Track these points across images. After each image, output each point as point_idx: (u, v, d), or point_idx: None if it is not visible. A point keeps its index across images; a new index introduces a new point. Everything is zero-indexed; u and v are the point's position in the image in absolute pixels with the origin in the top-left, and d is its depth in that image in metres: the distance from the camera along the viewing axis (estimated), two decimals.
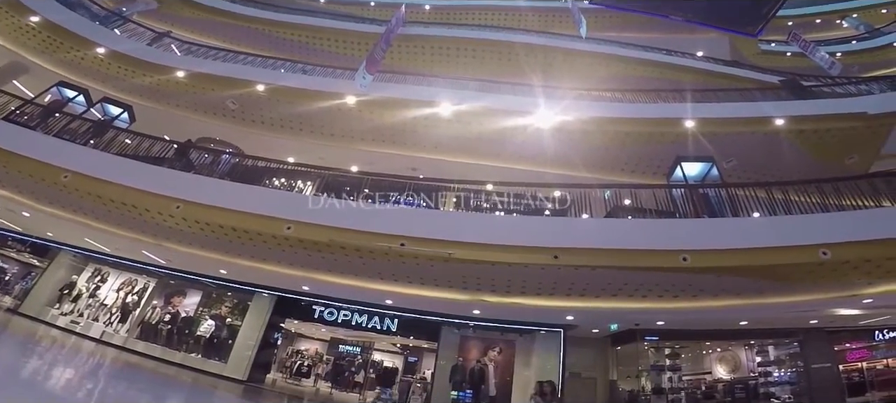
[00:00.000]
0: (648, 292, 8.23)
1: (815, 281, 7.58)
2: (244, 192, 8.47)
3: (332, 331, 14.82)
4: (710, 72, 15.44)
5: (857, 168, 11.23)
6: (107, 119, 11.25)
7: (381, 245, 7.91)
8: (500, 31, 16.91)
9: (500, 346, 12.32)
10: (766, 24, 6.20)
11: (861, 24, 23.34)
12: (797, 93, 12.45)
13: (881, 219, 7.48)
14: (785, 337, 11.76)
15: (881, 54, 20.51)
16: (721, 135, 11.05)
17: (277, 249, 8.60)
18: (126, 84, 12.89)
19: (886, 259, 7.20)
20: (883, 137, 11.05)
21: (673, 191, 8.72)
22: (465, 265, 8.01)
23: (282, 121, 12.79)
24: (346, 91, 11.62)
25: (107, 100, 11.78)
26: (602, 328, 12.16)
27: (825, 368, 11.11)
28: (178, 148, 10.09)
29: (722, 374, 12.45)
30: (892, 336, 11.40)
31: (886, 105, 10.97)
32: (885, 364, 11.29)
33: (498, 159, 12.36)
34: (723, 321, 10.89)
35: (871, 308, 9.36)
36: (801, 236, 7.25)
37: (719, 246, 7.28)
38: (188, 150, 10.09)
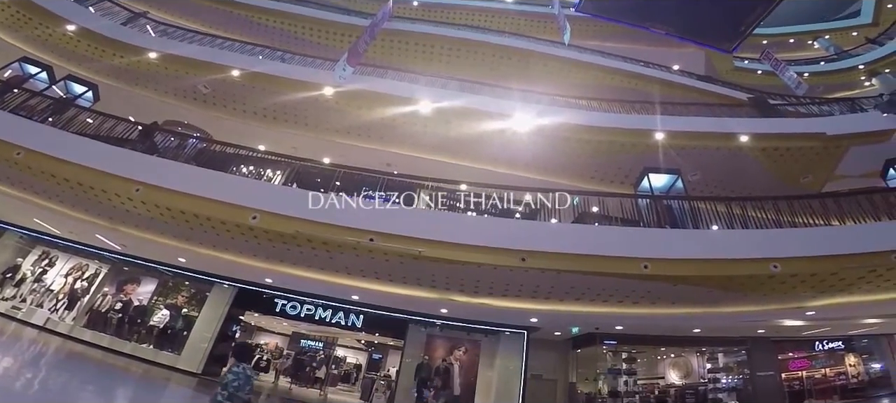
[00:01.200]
0: (609, 297, 8.59)
1: (765, 293, 8.17)
2: (209, 178, 8.27)
3: (294, 325, 14.74)
4: (685, 86, 16.10)
5: (811, 187, 12.08)
6: (69, 97, 10.95)
7: (350, 239, 7.89)
8: (485, 32, 17.08)
9: (465, 346, 12.52)
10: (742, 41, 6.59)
11: (831, 46, 24.77)
12: (763, 111, 13.27)
13: (828, 237, 8.16)
14: (734, 346, 12.67)
15: (846, 76, 21.91)
16: (689, 148, 11.60)
17: (241, 239, 8.44)
18: (96, 63, 12.51)
19: (831, 274, 7.87)
20: (838, 158, 11.96)
21: (639, 201, 9.22)
22: (434, 263, 8.11)
23: (255, 109, 12.54)
24: (325, 82, 11.51)
25: (71, 78, 11.43)
26: (564, 331, 12.63)
27: (769, 376, 12.08)
28: (142, 130, 9.80)
29: (674, 379, 13.27)
30: (830, 347, 12.51)
31: (843, 127, 11.87)
32: (823, 374, 12.38)
33: (473, 160, 12.54)
34: (678, 328, 11.53)
35: (813, 320, 10.24)
36: (755, 250, 7.81)
37: (679, 255, 7.72)
38: (153, 133, 9.80)
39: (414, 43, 16.52)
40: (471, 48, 16.30)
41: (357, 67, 10.72)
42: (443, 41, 16.35)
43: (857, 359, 12.40)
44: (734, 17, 5.51)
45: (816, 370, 12.37)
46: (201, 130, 13.51)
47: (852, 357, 12.44)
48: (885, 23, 23.06)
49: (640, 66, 16.57)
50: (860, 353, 12.52)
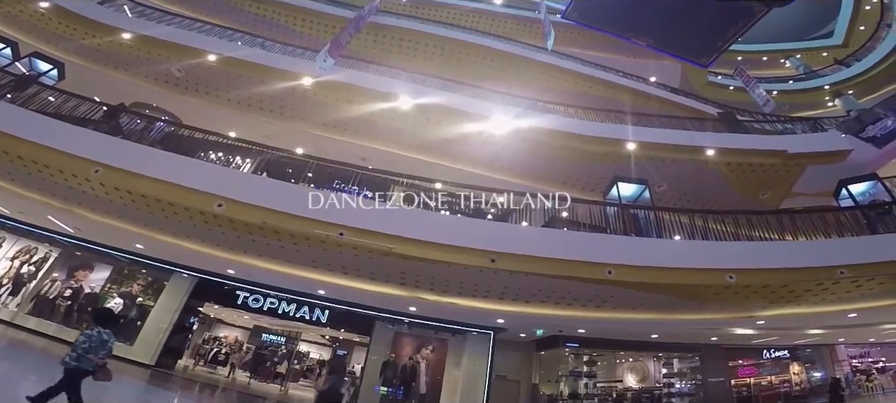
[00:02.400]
0: (574, 301, 8.97)
1: (720, 302, 8.73)
2: (174, 162, 8.09)
3: (255, 319, 14.60)
4: (660, 99, 16.76)
5: (769, 203, 12.88)
6: (32, 74, 10.54)
7: (319, 232, 7.89)
8: (470, 32, 17.28)
9: (433, 345, 12.77)
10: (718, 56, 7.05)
11: (802, 66, 26.28)
12: (731, 127, 14.03)
13: (781, 251, 8.82)
14: (688, 352, 13.54)
15: (812, 96, 23.34)
16: (658, 159, 12.15)
17: (205, 227, 8.30)
18: (66, 42, 12.17)
19: (782, 286, 8.53)
20: (796, 176, 12.84)
21: (607, 209, 9.73)
22: (405, 261, 8.22)
23: (230, 95, 12.36)
24: (304, 72, 11.46)
25: (36, 56, 11.05)
26: (529, 332, 13.06)
27: (719, 382, 12.99)
28: (107, 110, 9.52)
29: (632, 383, 14.04)
30: (777, 356, 13.59)
31: (804, 145, 12.71)
32: (769, 381, 13.46)
33: (449, 159, 12.73)
34: (637, 332, 12.16)
35: (763, 329, 11.08)
36: (713, 260, 8.33)
37: (642, 263, 8.11)
38: (119, 114, 9.53)
39: (398, 38, 16.59)
40: (455, 48, 16.50)
41: (339, 59, 10.76)
42: (427, 39, 16.47)
43: (800, 368, 13.51)
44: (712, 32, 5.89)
45: (763, 377, 13.43)
46: (170, 114, 13.20)
47: (796, 365, 13.55)
48: (855, 45, 24.59)
49: (618, 76, 17.17)
50: (803, 362, 13.64)
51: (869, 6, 24.04)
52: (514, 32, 20.11)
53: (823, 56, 26.27)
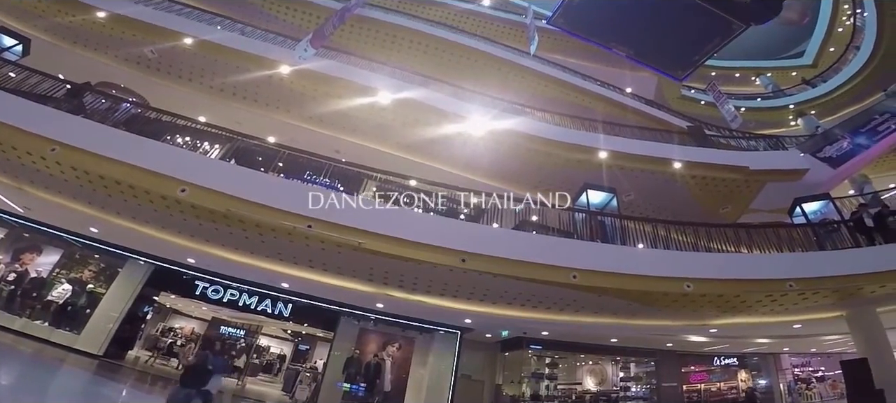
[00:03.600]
0: (539, 303, 9.36)
1: (676, 309, 9.34)
2: (137, 144, 7.93)
3: (214, 310, 14.35)
4: (635, 110, 17.48)
5: (728, 217, 13.69)
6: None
7: (286, 224, 7.87)
8: (455, 31, 17.49)
9: (399, 342, 12.95)
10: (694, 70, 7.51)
11: (771, 84, 27.65)
12: (699, 141, 14.84)
13: (736, 263, 9.54)
14: (644, 357, 14.42)
15: (777, 114, 24.71)
16: (628, 169, 12.74)
17: (166, 212, 8.18)
18: (36, 19, 11.74)
19: (735, 296, 9.21)
20: (756, 192, 13.75)
21: (576, 215, 10.22)
22: (374, 256, 8.33)
23: (203, 79, 12.15)
24: (283, 60, 11.39)
25: (2, 30, 10.69)
26: (495, 333, 13.46)
27: (672, 387, 13.92)
28: (71, 88, 9.25)
29: (590, 386, 14.80)
30: (726, 363, 14.68)
31: (764, 162, 13.63)
32: (718, 388, 14.52)
33: (426, 157, 12.94)
34: (597, 336, 12.79)
35: (715, 337, 11.93)
36: (673, 269, 8.88)
37: (605, 268, 8.59)
38: (83, 93, 9.28)
39: (383, 33, 16.64)
40: (439, 46, 16.71)
41: (320, 49, 10.77)
42: (412, 35, 16.60)
43: (747, 375, 14.63)
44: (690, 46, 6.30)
45: (713, 383, 14.47)
46: (138, 95, 12.85)
47: (744, 373, 14.68)
48: (823, 65, 25.97)
49: (596, 85, 17.80)
50: (750, 370, 14.78)
51: (841, 28, 25.35)
52: (498, 35, 20.47)
53: (793, 75, 27.65)
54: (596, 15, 6.11)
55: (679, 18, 5.82)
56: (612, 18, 6.12)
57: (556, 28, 6.50)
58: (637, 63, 7.07)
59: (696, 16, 5.62)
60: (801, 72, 27.30)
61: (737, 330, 10.85)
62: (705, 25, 5.82)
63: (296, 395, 12.83)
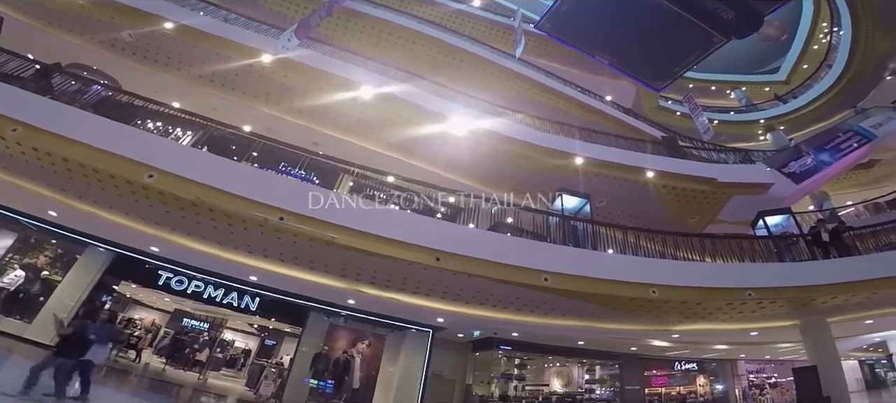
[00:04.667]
0: (510, 304, 9.67)
1: (641, 314, 9.86)
2: (105, 127, 7.76)
3: (177, 302, 14.08)
4: (613, 118, 17.97)
5: (695, 227, 14.39)
6: None
7: (257, 215, 7.84)
8: (441, 29, 17.60)
9: (370, 340, 13.03)
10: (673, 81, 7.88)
11: (744, 98, 28.69)
12: (672, 151, 15.55)
13: (700, 272, 10.13)
14: (609, 360, 15.13)
15: (748, 128, 25.88)
16: (602, 176, 13.23)
17: (131, 198, 8.04)
18: None
19: (697, 303, 9.80)
20: (723, 204, 14.50)
21: (549, 218, 10.62)
22: (348, 252, 8.38)
23: (180, 64, 11.94)
24: (265, 49, 11.31)
25: None
26: (466, 333, 13.75)
27: (635, 390, 14.68)
28: (40, 69, 8.96)
29: (557, 387, 15.41)
30: (686, 368, 15.59)
31: (732, 175, 14.40)
32: (678, 392, 15.39)
33: (404, 154, 13.09)
34: (565, 338, 13.30)
35: (677, 342, 12.62)
36: (640, 275, 9.37)
37: (576, 272, 8.99)
38: (52, 73, 9.02)
39: (370, 27, 16.64)
40: (426, 44, 16.85)
41: (304, 40, 10.75)
42: (400, 31, 16.66)
43: (705, 380, 15.56)
44: (671, 58, 6.64)
45: (673, 387, 15.33)
46: (110, 78, 12.49)
47: (702, 378, 15.62)
48: (796, 82, 27.21)
49: (577, 91, 18.31)
50: (709, 375, 15.72)
51: (817, 46, 26.45)
52: (484, 36, 20.72)
53: (766, 90, 28.94)
54: (582, 22, 6.38)
55: (663, 30, 6.15)
56: (598, 27, 6.40)
57: (543, 33, 6.76)
58: (618, 71, 7.38)
59: (679, 28, 5.97)
60: (774, 88, 28.56)
61: (698, 336, 11.50)
62: (687, 38, 6.15)
63: (260, 391, 12.74)
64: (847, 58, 21.88)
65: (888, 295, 9.85)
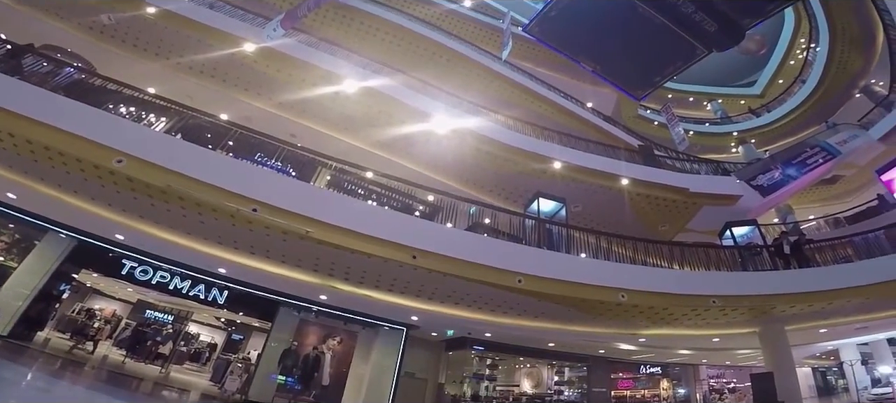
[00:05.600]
0: (485, 305, 9.93)
1: (610, 318, 10.27)
2: (73, 110, 7.56)
3: (140, 293, 13.82)
4: (593, 125, 18.49)
5: (666, 235, 15.05)
6: None
7: (230, 205, 7.76)
8: (428, 27, 17.68)
9: (341, 336, 13.06)
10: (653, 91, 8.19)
11: (720, 110, 29.75)
12: (647, 160, 16.14)
13: (668, 278, 10.61)
14: (578, 362, 15.72)
15: (721, 140, 26.93)
16: (579, 181, 13.60)
17: (97, 183, 7.87)
18: None
19: (663, 308, 10.27)
20: (693, 213, 15.14)
21: (526, 221, 10.93)
22: (321, 246, 8.41)
23: (159, 50, 11.69)
24: (249, 37, 11.19)
25: None
26: (440, 332, 13.94)
27: (602, 392, 15.28)
28: (11, 49, 8.65)
29: (527, 388, 15.90)
30: (651, 371, 16.33)
31: (704, 186, 15.04)
32: (642, 395, 16.10)
33: (384, 150, 13.17)
34: (536, 340, 13.72)
35: (643, 346, 13.18)
36: (610, 279, 9.78)
37: (550, 275, 9.29)
38: (23, 54, 8.72)
39: (358, 21, 16.64)
40: (412, 41, 16.94)
41: (289, 31, 10.70)
42: (386, 26, 16.70)
43: (669, 384, 16.33)
44: (653, 67, 6.91)
45: (638, 390, 16.04)
46: (85, 61, 12.10)
47: (666, 381, 16.37)
48: (770, 96, 28.39)
49: (559, 96, 18.72)
50: (672, 379, 16.50)
51: (793, 61, 27.66)
52: (470, 36, 20.90)
53: (741, 103, 30.09)
54: (569, 28, 6.57)
55: (647, 40, 6.39)
56: (584, 34, 6.61)
57: (531, 36, 6.94)
58: (601, 79, 7.63)
59: (663, 38, 6.22)
60: (749, 102, 29.79)
61: (663, 340, 12.05)
62: (670, 48, 6.41)
63: (226, 386, 12.61)
64: (821, 74, 22.91)
65: (842, 305, 10.58)
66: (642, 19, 6.00)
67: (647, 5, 5.93)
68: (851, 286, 10.24)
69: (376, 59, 14.42)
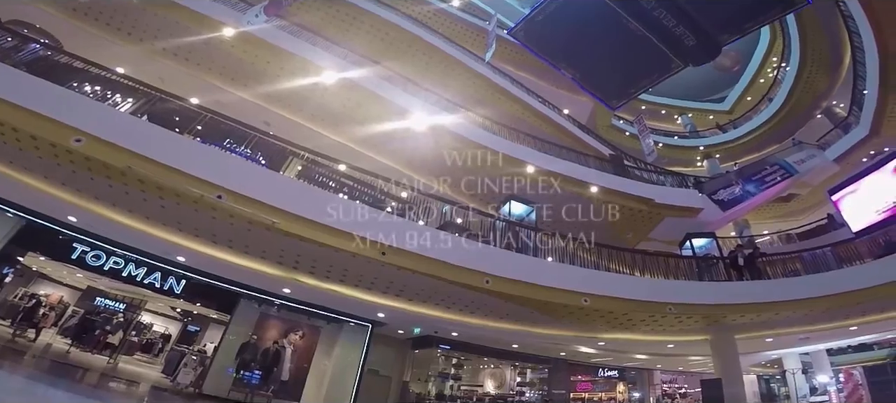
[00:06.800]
0: (453, 304, 10.19)
1: (572, 321, 10.73)
2: (31, 85, 7.28)
3: (91, 279, 13.29)
4: (568, 132, 19.04)
5: (630, 243, 15.63)
6: None
7: (194, 191, 7.65)
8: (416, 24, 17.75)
9: (303, 331, 12.95)
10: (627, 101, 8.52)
11: (689, 124, 30.97)
12: (617, 169, 16.81)
13: (629, 284, 11.15)
14: (540, 364, 16.31)
15: (688, 154, 28.10)
16: (551, 185, 13.88)
17: (52, 161, 7.59)
18: None
19: (623, 313, 10.82)
20: (657, 223, 15.86)
21: (496, 222, 11.27)
22: (288, 238, 8.35)
23: (134, 30, 11.28)
24: (228, 22, 10.98)
25: None
26: (407, 330, 14.10)
27: (562, 394, 15.93)
28: None
29: (490, 388, 16.37)
30: (609, 375, 17.14)
31: (668, 197, 15.79)
32: (600, 398, 16.86)
33: (359, 143, 13.24)
34: (501, 340, 14.12)
35: (602, 349, 13.81)
36: (575, 283, 10.23)
37: (516, 277, 9.63)
38: None
39: (344, 13, 16.52)
40: (397, 35, 16.95)
41: (273, 18, 10.59)
42: (372, 19, 16.64)
43: (625, 387, 17.19)
44: (629, 78, 7.23)
45: (596, 393, 16.81)
46: (52, 37, 11.57)
47: (622, 385, 17.23)
48: (738, 113, 29.71)
49: (537, 101, 19.18)
50: (628, 382, 17.38)
51: (763, 79, 29.01)
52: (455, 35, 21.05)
53: (710, 118, 31.41)
54: (553, 34, 6.75)
55: (627, 51, 6.60)
56: (567, 41, 6.83)
57: (516, 40, 7.13)
58: (579, 86, 7.88)
59: (642, 50, 6.46)
60: (718, 117, 31.18)
61: (621, 344, 12.65)
62: (648, 60, 6.68)
63: (178, 379, 12.33)
64: (788, 93, 24.22)
65: (788, 316, 11.43)
66: (624, 30, 6.23)
67: (631, 17, 6.19)
68: (797, 298, 11.05)
69: (357, 51, 14.45)
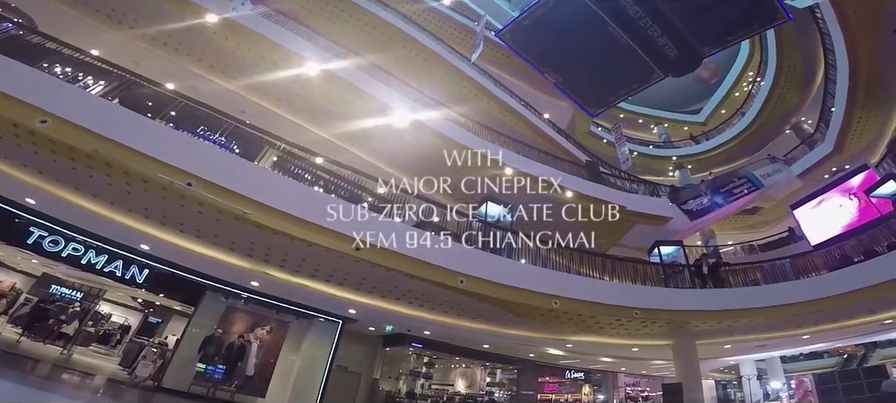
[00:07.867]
0: (426, 302, 10.35)
1: (542, 323, 11.11)
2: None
3: (47, 265, 12.82)
4: (547, 136, 19.46)
5: (601, 248, 16.29)
6: None
7: (163, 177, 7.50)
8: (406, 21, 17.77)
9: (271, 325, 12.83)
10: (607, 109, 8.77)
11: (664, 134, 31.96)
12: (592, 175, 17.36)
13: (598, 288, 11.55)
14: (509, 364, 16.76)
15: (661, 163, 28.90)
16: (528, 188, 14.15)
17: (13, 142, 7.34)
18: None
19: (591, 316, 11.23)
20: (628, 229, 16.38)
21: (473, 222, 11.53)
22: (258, 230, 8.26)
23: (112, 12, 10.90)
24: (211, 8, 10.81)
25: None
26: (378, 327, 14.19)
27: (530, 395, 16.40)
28: None
29: (461, 388, 16.69)
30: (575, 377, 17.73)
31: (639, 205, 16.38)
32: (566, 399, 17.43)
33: (339, 137, 13.29)
34: (473, 340, 14.40)
35: (569, 351, 14.27)
36: (546, 286, 10.56)
37: (490, 277, 9.88)
38: None
39: (331, 6, 16.44)
40: (385, 31, 16.99)
41: (259, 7, 10.47)
42: (360, 14, 16.61)
43: (590, 389, 17.81)
44: (610, 87, 7.47)
45: (563, 394, 17.35)
46: (26, 17, 11.15)
47: (588, 387, 17.85)
48: (711, 125, 30.81)
49: (520, 104, 19.57)
50: (593, 384, 18.03)
51: (739, 93, 30.08)
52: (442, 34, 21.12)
53: (685, 129, 32.50)
54: (540, 39, 6.87)
55: (610, 59, 6.71)
56: (553, 46, 6.99)
57: (503, 42, 7.29)
58: (561, 92, 8.09)
59: (625, 59, 6.64)
60: (692, 128, 32.30)
61: (588, 347, 13.10)
62: (629, 70, 6.88)
63: (137, 372, 12.04)
64: (760, 107, 25.32)
65: (746, 323, 12.07)
66: (610, 38, 6.36)
67: (618, 26, 6.39)
68: (756, 307, 11.70)
69: (341, 43, 14.40)
